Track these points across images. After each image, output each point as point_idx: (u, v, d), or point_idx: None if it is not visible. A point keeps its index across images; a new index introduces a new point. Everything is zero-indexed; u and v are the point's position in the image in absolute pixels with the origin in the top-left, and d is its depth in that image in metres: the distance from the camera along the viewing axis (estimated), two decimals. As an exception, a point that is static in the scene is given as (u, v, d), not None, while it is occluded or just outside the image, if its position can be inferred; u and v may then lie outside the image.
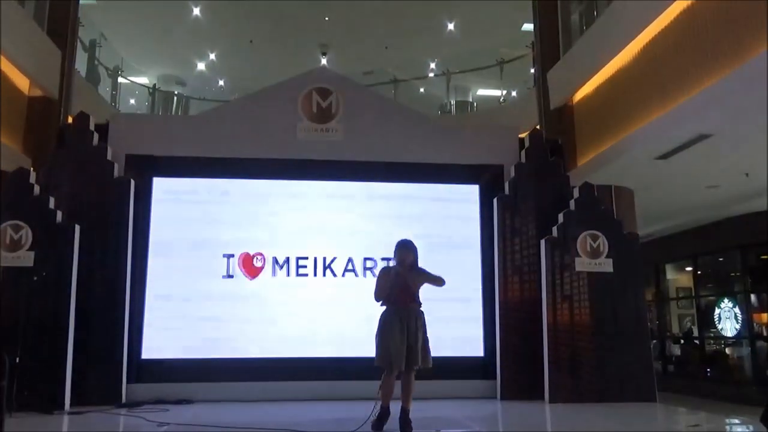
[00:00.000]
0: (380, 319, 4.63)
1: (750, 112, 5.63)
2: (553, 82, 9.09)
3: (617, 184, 8.30)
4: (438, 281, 4.77)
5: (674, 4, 6.31)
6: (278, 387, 6.31)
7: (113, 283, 6.10)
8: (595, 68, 7.99)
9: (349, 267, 6.74)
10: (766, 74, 4.87)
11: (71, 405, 5.64)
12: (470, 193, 7.04)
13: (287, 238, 6.72)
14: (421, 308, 4.68)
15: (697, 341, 12.42)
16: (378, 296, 4.67)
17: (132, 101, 16.11)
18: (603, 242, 6.48)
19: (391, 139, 6.92)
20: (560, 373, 6.17)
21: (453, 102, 15.63)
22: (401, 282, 4.62)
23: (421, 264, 4.78)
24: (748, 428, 5.61)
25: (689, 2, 6.16)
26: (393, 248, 4.74)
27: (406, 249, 4.72)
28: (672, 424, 5.85)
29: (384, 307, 4.66)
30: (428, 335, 4.65)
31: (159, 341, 6.36)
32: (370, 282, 6.63)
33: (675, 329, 13.48)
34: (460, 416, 5.05)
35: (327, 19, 13.80)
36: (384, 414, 4.55)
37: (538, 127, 8.73)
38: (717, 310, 11.74)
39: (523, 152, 6.97)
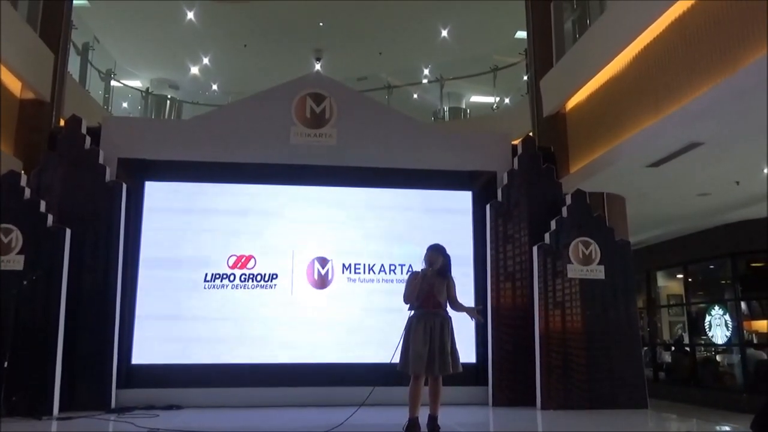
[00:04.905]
0: (406, 324, 4.56)
1: (741, 120, 5.68)
2: (546, 90, 9.13)
3: (609, 192, 8.34)
4: (458, 307, 4.68)
5: (666, 14, 6.36)
6: (268, 393, 6.28)
7: (103, 288, 6.06)
8: (588, 76, 8.03)
9: (340, 273, 6.73)
10: (759, 83, 4.91)
11: (60, 410, 5.59)
12: (463, 199, 7.06)
13: (278, 243, 6.71)
14: (448, 314, 4.60)
15: (687, 348, 12.46)
16: (407, 300, 4.58)
17: (125, 105, 16.05)
18: (595, 249, 6.51)
19: (384, 145, 6.94)
20: (552, 379, 6.17)
21: (446, 108, 15.65)
22: (427, 286, 4.54)
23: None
24: (738, 435, 5.63)
25: (682, 11, 6.21)
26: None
27: (435, 252, 4.65)
28: (663, 430, 5.85)
29: (411, 312, 4.58)
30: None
31: (149, 346, 6.32)
32: (360, 287, 6.72)
33: (666, 336, 13.52)
34: (451, 422, 5.03)
35: (321, 24, 13.83)
36: (412, 425, 4.37)
37: (530, 134, 8.76)
38: (707, 318, 11.78)
39: (515, 159, 7.00)
